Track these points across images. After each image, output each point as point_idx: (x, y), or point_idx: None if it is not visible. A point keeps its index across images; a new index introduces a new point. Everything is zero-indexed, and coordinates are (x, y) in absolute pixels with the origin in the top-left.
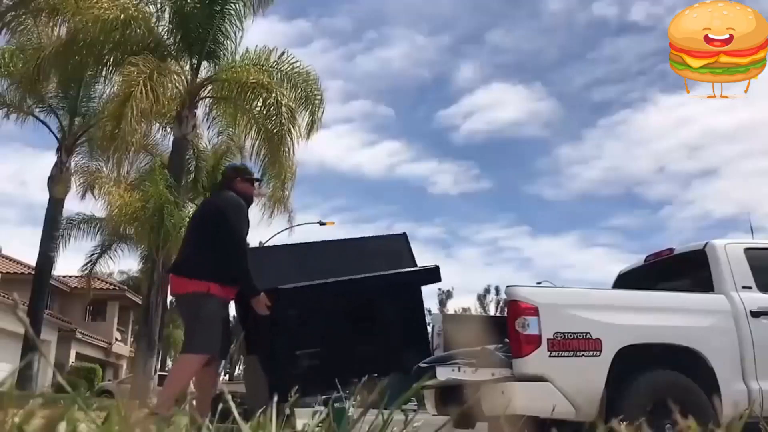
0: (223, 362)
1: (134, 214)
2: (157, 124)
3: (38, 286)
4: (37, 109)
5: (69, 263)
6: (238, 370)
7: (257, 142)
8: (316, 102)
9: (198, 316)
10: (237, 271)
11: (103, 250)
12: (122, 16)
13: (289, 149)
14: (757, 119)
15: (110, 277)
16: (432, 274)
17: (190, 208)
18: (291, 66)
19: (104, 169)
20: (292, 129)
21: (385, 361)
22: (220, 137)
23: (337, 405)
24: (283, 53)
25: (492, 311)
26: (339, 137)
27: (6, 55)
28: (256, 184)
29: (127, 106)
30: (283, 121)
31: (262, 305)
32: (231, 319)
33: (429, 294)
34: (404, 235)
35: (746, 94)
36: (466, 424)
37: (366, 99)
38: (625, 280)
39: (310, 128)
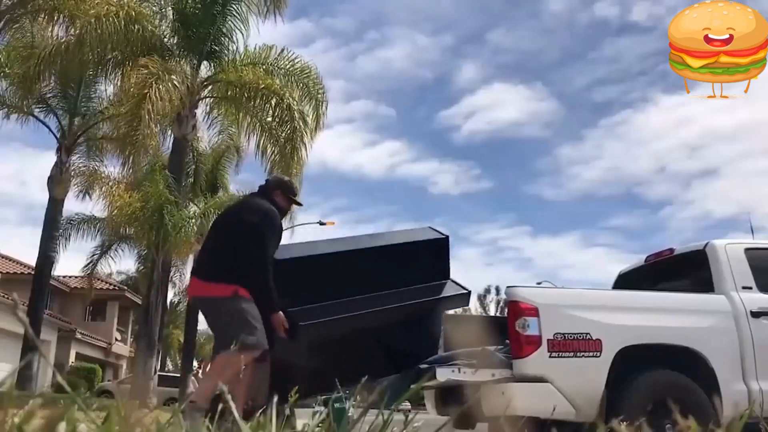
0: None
1: (134, 214)
2: (158, 125)
3: (38, 286)
4: (37, 110)
5: (69, 263)
6: None
7: (262, 141)
8: (319, 97)
9: (232, 316)
10: (261, 286)
11: (104, 250)
12: (124, 15)
13: (301, 156)
14: (757, 119)
15: (110, 277)
16: (461, 300)
17: (191, 208)
18: (291, 63)
19: (104, 169)
20: (305, 135)
21: (388, 363)
22: (220, 136)
23: (337, 405)
24: (282, 50)
25: (492, 311)
26: (340, 137)
27: (3, 55)
28: (292, 204)
29: (142, 108)
30: (297, 127)
31: (279, 325)
32: None
33: None
34: (446, 239)
35: (746, 94)
36: (466, 425)
37: (367, 99)
38: (626, 280)
39: (316, 125)
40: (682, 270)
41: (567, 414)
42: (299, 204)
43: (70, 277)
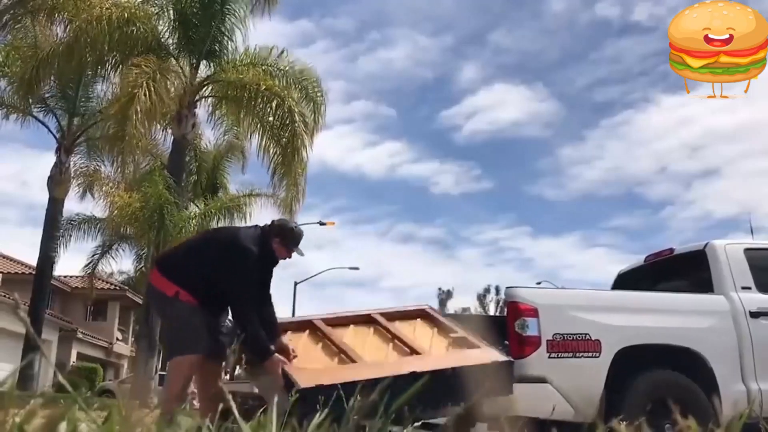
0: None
1: (134, 214)
2: (158, 125)
3: (39, 286)
4: (36, 109)
5: (70, 263)
6: (239, 370)
7: (264, 141)
8: (318, 100)
9: (171, 319)
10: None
11: (104, 250)
12: (123, 15)
13: (303, 158)
14: (758, 119)
15: (111, 277)
16: None
17: (191, 209)
18: (290, 65)
19: (103, 169)
20: (305, 137)
21: None
22: (226, 136)
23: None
24: (282, 52)
25: (492, 311)
26: (340, 138)
27: (2, 55)
28: (292, 253)
29: (131, 107)
30: (297, 129)
31: (276, 369)
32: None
33: (429, 294)
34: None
35: (746, 94)
36: (465, 425)
37: (368, 99)
38: (625, 281)
39: (314, 127)
40: (682, 270)
41: (566, 414)
42: (300, 254)
43: (71, 277)
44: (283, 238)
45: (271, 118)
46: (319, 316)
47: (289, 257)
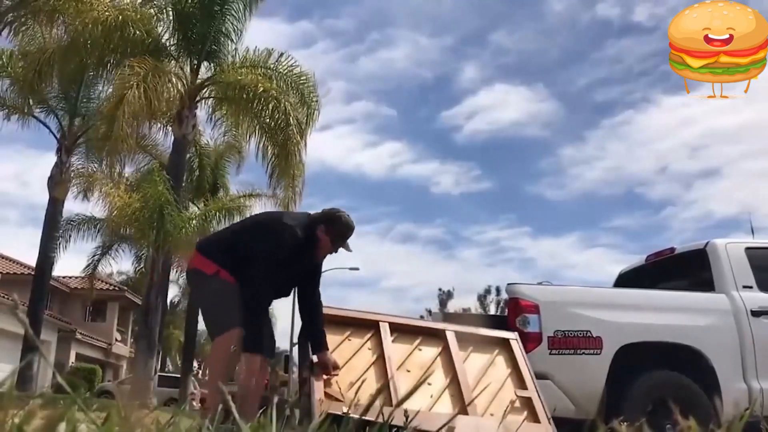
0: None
1: (134, 214)
2: (159, 124)
3: (38, 286)
4: (38, 110)
5: (69, 264)
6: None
7: (262, 142)
8: (312, 105)
9: (210, 295)
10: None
11: (104, 250)
12: (121, 17)
13: (299, 161)
14: (759, 120)
15: (110, 278)
16: None
17: (192, 209)
18: (289, 68)
19: (101, 169)
20: (300, 140)
21: None
22: (226, 137)
23: None
24: (281, 55)
25: (492, 311)
26: (341, 138)
27: (4, 56)
28: (337, 244)
29: (119, 108)
30: (291, 133)
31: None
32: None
33: (429, 294)
34: None
35: (746, 94)
36: None
37: (368, 100)
38: (626, 280)
39: (306, 132)
40: (683, 269)
41: (567, 411)
42: (348, 249)
43: (70, 277)
44: (329, 225)
45: (268, 120)
46: (388, 317)
47: (333, 250)
